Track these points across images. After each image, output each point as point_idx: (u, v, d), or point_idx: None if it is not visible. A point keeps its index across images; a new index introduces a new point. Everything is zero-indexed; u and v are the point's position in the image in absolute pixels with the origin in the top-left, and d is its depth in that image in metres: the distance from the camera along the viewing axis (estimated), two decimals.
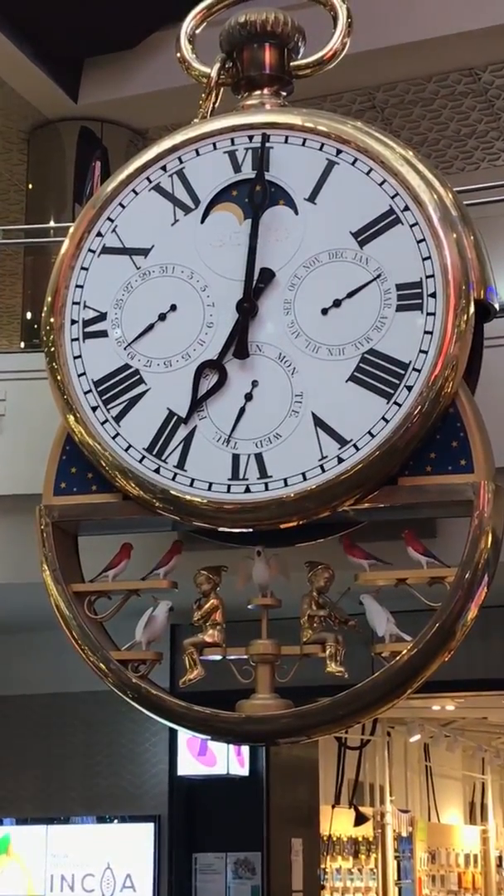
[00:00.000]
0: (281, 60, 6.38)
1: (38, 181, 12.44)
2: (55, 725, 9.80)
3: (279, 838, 9.56)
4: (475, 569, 5.45)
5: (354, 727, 12.23)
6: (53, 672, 9.11)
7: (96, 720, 9.55)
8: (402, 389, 5.54)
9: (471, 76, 11.77)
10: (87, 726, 9.66)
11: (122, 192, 6.19)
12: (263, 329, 5.82)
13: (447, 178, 6.05)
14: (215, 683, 5.77)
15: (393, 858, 15.05)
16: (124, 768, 9.63)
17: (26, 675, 9.65)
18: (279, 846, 9.55)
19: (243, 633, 5.84)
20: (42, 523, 5.92)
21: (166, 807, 9.49)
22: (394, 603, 5.71)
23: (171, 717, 5.87)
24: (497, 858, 17.46)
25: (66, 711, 9.70)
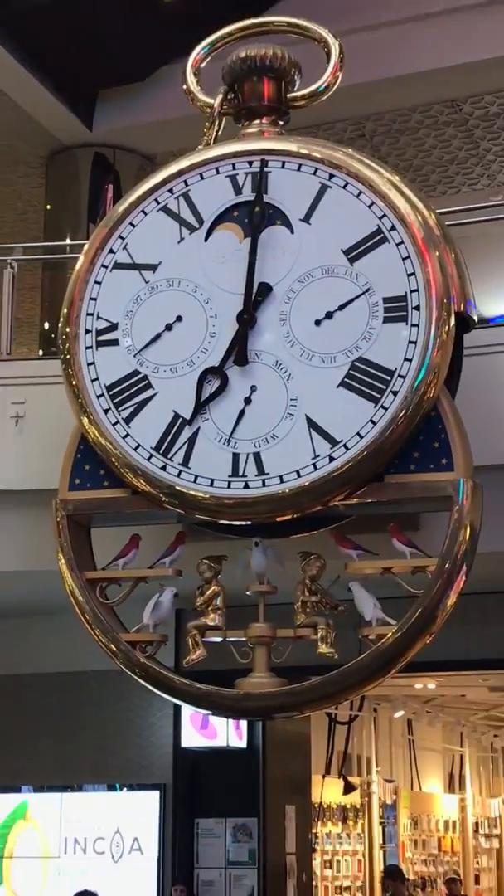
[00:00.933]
0: (278, 92, 6.38)
1: (56, 202, 12.43)
2: (69, 701, 9.79)
3: (274, 805, 9.56)
4: (455, 559, 5.45)
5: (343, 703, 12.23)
6: (68, 652, 9.10)
7: (107, 697, 9.55)
8: (388, 394, 5.54)
9: (453, 107, 11.76)
10: (99, 702, 9.66)
11: (132, 213, 6.18)
12: (261, 338, 5.82)
13: (430, 201, 6.05)
14: (216, 663, 5.77)
15: (378, 824, 15.05)
16: (132, 741, 9.63)
17: (43, 656, 9.65)
18: (274, 812, 9.55)
19: (242, 617, 5.84)
20: (58, 516, 5.92)
21: (171, 776, 9.49)
22: (380, 590, 5.71)
23: (176, 694, 5.87)
24: (474, 825, 17.45)
25: (79, 689, 9.70)
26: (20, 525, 7.13)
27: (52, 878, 9.59)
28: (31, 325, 12.45)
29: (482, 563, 5.62)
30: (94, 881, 8.80)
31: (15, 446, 7.20)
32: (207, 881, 9.33)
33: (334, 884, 13.98)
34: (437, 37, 10.89)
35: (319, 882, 13.20)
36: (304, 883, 10.06)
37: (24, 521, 7.04)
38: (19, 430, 7.22)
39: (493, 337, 6.78)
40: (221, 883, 9.31)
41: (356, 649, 5.68)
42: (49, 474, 6.13)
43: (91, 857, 9.58)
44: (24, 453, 7.11)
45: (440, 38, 10.88)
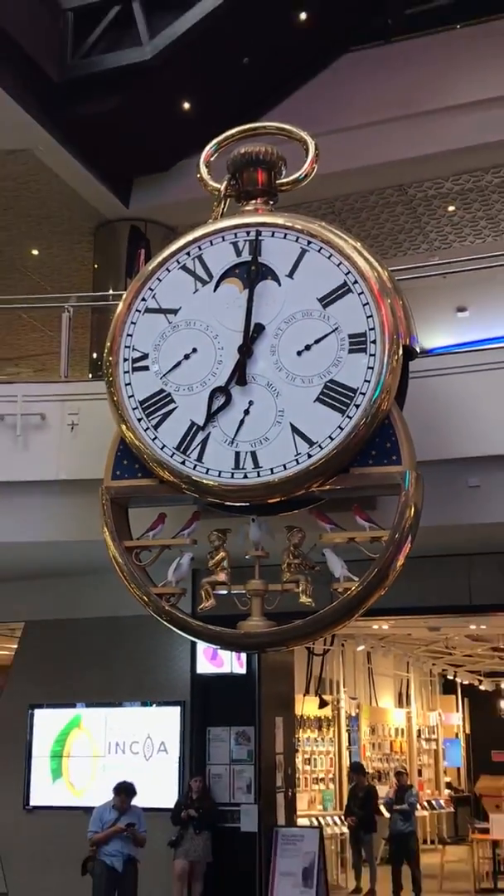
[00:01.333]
0: (269, 179, 6.37)
1: (101, 262, 12.40)
2: (111, 639, 9.75)
3: (267, 717, 9.53)
4: (402, 531, 5.45)
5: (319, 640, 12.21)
6: (111, 602, 9.07)
7: (140, 635, 9.51)
8: (352, 407, 5.54)
9: (401, 191, 11.73)
10: (134, 639, 9.62)
11: (159, 271, 6.18)
12: (257, 365, 5.81)
13: (384, 261, 6.05)
14: (223, 610, 5.76)
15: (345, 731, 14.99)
16: (159, 668, 9.60)
17: (92, 604, 9.62)
18: (267, 722, 9.52)
19: (242, 575, 5.84)
20: (103, 499, 5.91)
21: (189, 695, 9.46)
22: (346, 554, 5.71)
23: (192, 633, 5.88)
24: (417, 732, 17.41)
25: (119, 629, 9.66)
26: (76, 506, 7.11)
27: (99, 772, 9.56)
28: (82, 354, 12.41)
29: (423, 534, 5.62)
30: (131, 774, 8.77)
31: (71, 447, 7.19)
32: (217, 774, 9.29)
33: (312, 776, 13.92)
34: (389, 137, 10.88)
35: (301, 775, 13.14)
36: (290, 775, 10.04)
37: (79, 502, 7.03)
38: (74, 435, 7.21)
39: (431, 363, 6.77)
40: (227, 776, 9.27)
41: (328, 599, 5.68)
42: (96, 468, 6.12)
43: (129, 756, 9.54)
44: (77, 452, 7.10)
45: (392, 138, 10.87)
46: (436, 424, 6.48)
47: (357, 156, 10.96)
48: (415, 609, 8.98)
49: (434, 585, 8.53)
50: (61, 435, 7.26)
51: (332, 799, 14.11)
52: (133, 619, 9.13)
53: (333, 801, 14.09)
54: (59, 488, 7.22)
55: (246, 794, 9.17)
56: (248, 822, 9.05)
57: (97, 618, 9.74)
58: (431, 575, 8.42)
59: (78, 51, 10.67)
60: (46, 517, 7.40)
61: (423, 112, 10.79)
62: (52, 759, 9.84)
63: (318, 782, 14.11)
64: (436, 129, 10.74)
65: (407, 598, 8.40)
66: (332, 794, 14.20)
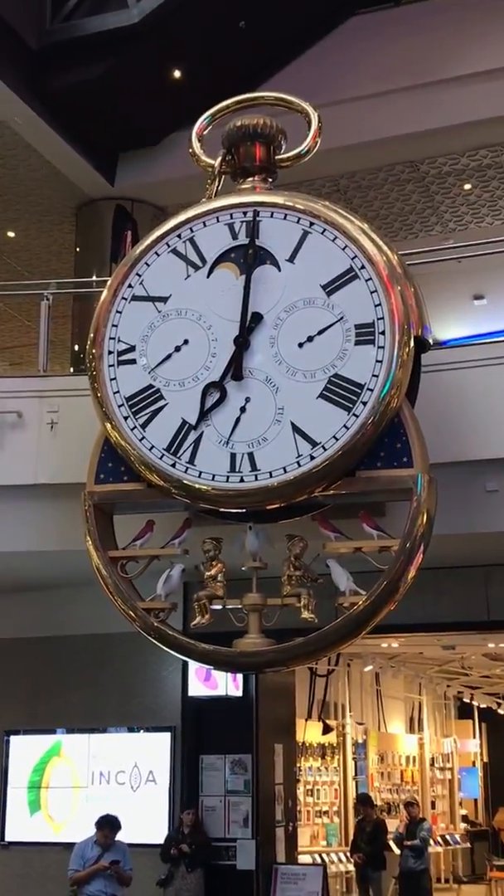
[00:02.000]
0: (268, 155, 6.37)
1: (84, 245, 12.40)
2: (96, 658, 9.77)
3: (265, 744, 9.54)
4: (414, 540, 5.45)
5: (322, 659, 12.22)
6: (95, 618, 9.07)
7: (127, 654, 9.53)
8: (359, 404, 5.54)
9: (412, 167, 11.74)
10: (120, 659, 9.63)
11: (147, 254, 6.18)
12: (254, 358, 5.81)
13: (393, 244, 6.05)
14: (217, 626, 5.76)
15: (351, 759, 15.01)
16: (148, 690, 9.61)
17: (74, 620, 9.63)
18: (265, 750, 9.53)
19: (238, 588, 5.84)
20: (86, 505, 5.91)
21: (180, 720, 9.47)
22: (352, 565, 5.70)
23: (183, 652, 5.86)
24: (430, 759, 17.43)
25: (104, 648, 9.68)
26: (55, 512, 7.12)
27: (81, 804, 9.57)
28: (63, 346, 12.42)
29: (437, 543, 5.62)
30: (116, 807, 8.77)
31: (50, 447, 7.18)
32: (210, 806, 9.30)
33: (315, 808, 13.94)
34: (399, 108, 10.88)
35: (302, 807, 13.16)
36: (290, 808, 10.05)
37: (59, 509, 7.03)
38: (54, 434, 7.21)
39: (445, 356, 6.78)
40: (222, 808, 9.29)
41: (333, 615, 5.68)
42: (78, 470, 6.12)
43: (114, 786, 9.55)
44: (57, 453, 7.10)
45: (402, 109, 10.87)
46: (450, 423, 6.48)
47: (364, 129, 10.96)
48: (427, 625, 8.99)
49: (449, 599, 8.53)
50: (40, 435, 7.26)
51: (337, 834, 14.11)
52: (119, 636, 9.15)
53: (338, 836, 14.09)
54: (37, 493, 7.22)
55: (242, 829, 9.18)
56: (245, 859, 9.05)
57: (79, 635, 9.74)
58: (446, 588, 8.42)
59: (58, 15, 10.67)
60: (23, 525, 7.39)
61: (437, 81, 10.79)
62: (29, 791, 9.84)
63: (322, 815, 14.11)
64: (450, 100, 10.74)
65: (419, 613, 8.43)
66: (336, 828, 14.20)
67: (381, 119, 10.95)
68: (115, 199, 12.12)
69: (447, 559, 7.62)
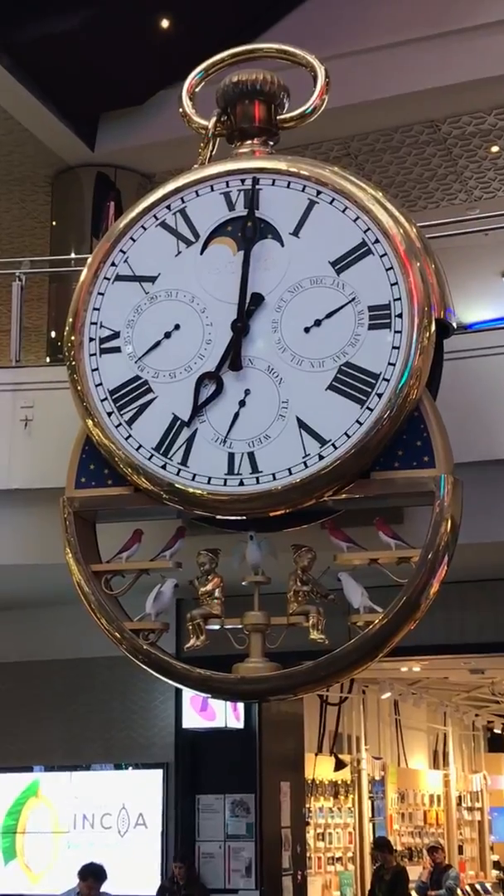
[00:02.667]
0: (269, 114, 6.37)
1: (61, 219, 12.42)
2: (77, 686, 9.79)
3: (270, 782, 9.55)
4: (436, 550, 5.44)
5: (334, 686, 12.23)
6: (75, 640, 9.10)
7: (112, 681, 9.54)
8: (373, 396, 5.53)
9: (432, 127, 11.76)
10: (105, 687, 9.65)
11: (132, 228, 6.17)
12: (254, 345, 5.81)
13: (411, 215, 6.05)
14: (214, 649, 5.76)
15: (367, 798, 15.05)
16: (136, 722, 9.63)
17: (52, 643, 9.64)
18: (270, 789, 9.54)
19: (238, 605, 5.84)
20: (65, 512, 5.91)
21: (173, 755, 9.48)
22: (367, 579, 5.70)
23: (176, 678, 5.86)
24: (457, 798, 17.46)
25: (87, 674, 9.70)
26: (30, 521, 7.12)
27: (62, 851, 9.58)
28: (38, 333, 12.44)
29: (462, 553, 5.62)
30: (102, 854, 8.78)
31: (24, 447, 7.18)
32: (208, 853, 9.32)
33: (327, 854, 13.97)
34: (417, 61, 10.90)
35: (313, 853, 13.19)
36: (299, 854, 10.06)
37: (34, 517, 7.03)
38: (28, 433, 7.21)
39: (471, 342, 6.77)
40: (221, 855, 9.31)
41: (345, 635, 5.68)
42: (56, 473, 6.12)
43: (98, 831, 9.57)
44: (32, 454, 7.10)
45: (420, 62, 10.89)
46: (477, 417, 6.48)
47: (377, 84, 10.97)
48: (453, 647, 9.00)
49: (476, 617, 8.54)
50: (12, 433, 7.26)
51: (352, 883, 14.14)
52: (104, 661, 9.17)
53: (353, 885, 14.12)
54: (9, 500, 7.22)
55: (245, 878, 9.19)
56: None
57: (58, 660, 9.76)
58: (473, 604, 8.43)
59: None
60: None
61: (459, 30, 10.80)
62: (3, 836, 9.85)
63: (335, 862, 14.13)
64: (475, 51, 10.75)
65: (443, 633, 8.43)
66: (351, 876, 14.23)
67: (397, 73, 10.96)
68: (96, 166, 12.14)
69: (474, 571, 7.63)
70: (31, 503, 7.05)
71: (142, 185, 11.86)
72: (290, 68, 6.57)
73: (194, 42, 9.41)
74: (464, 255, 11.38)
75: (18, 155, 12.01)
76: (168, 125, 10.63)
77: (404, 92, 11.06)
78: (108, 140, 11.93)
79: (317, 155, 11.30)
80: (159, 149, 11.41)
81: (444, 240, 7.66)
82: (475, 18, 10.74)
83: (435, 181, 12.76)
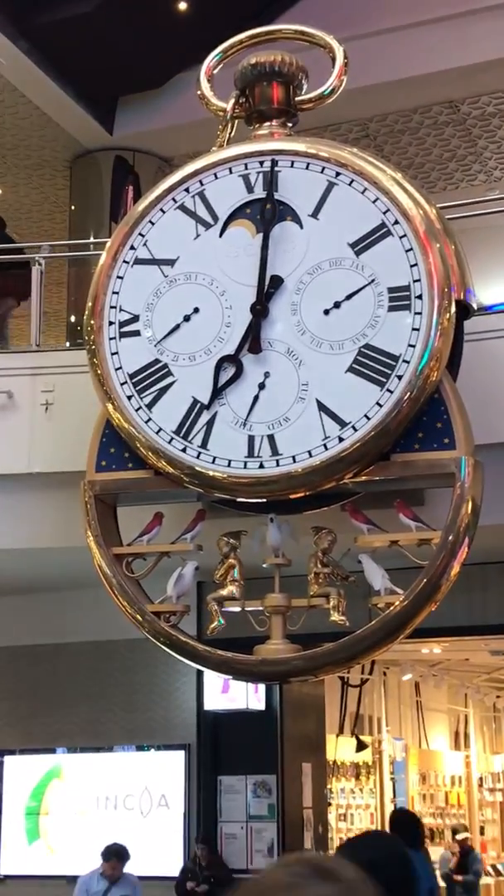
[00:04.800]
0: (287, 96, 6.35)
1: (79, 203, 12.41)
2: (100, 669, 9.81)
3: (291, 763, 9.57)
4: (457, 532, 5.44)
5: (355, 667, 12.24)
6: (97, 623, 9.12)
7: (134, 664, 9.57)
8: (393, 378, 5.53)
9: (451, 108, 11.68)
10: (127, 669, 9.68)
11: (151, 211, 6.17)
12: (274, 328, 5.81)
13: (431, 197, 6.03)
14: (236, 631, 5.78)
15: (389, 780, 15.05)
16: (159, 704, 9.65)
17: (74, 626, 9.67)
18: (291, 770, 9.56)
19: (259, 588, 5.85)
20: (86, 496, 5.93)
21: (195, 737, 9.51)
22: (387, 562, 5.70)
23: (198, 660, 5.89)
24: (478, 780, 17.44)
25: (109, 657, 9.72)
26: (52, 505, 7.14)
27: (85, 832, 9.63)
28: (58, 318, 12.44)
29: (483, 535, 5.61)
30: (125, 835, 8.82)
31: (45, 431, 7.20)
32: (231, 834, 9.35)
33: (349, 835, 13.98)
34: (436, 41, 10.82)
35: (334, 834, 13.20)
36: (321, 835, 10.08)
37: (55, 501, 7.05)
38: (49, 417, 7.22)
39: (491, 323, 6.76)
40: (243, 836, 9.33)
41: (366, 617, 5.69)
42: (77, 457, 6.14)
43: (121, 812, 9.60)
44: (53, 438, 7.12)
45: (439, 42, 10.81)
46: (498, 398, 6.46)
47: (396, 65, 10.90)
48: (474, 628, 8.99)
49: (497, 598, 8.52)
50: (33, 417, 7.28)
51: None
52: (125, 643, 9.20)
53: None
54: (30, 483, 7.25)
55: (267, 859, 9.21)
56: None
57: (80, 643, 9.79)
58: (494, 586, 8.41)
59: None
60: (16, 520, 7.42)
61: (480, 8, 10.71)
62: (27, 818, 9.91)
63: None
64: (494, 32, 10.66)
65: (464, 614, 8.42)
66: None
67: (416, 54, 10.89)
68: (115, 150, 12.11)
69: (495, 553, 7.61)
70: (51, 487, 7.07)
71: (160, 169, 11.84)
72: (309, 50, 6.55)
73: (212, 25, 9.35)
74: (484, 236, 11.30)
75: (37, 139, 12.00)
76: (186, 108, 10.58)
77: (423, 73, 10.98)
78: (126, 124, 11.91)
79: (335, 136, 11.26)
80: (177, 132, 11.37)
81: (463, 221, 7.63)
82: None
83: (454, 162, 12.68)
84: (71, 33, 10.64)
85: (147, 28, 10.85)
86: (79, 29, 10.63)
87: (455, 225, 6.13)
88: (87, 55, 10.91)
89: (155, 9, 10.74)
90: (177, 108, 11.32)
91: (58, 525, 7.12)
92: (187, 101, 9.32)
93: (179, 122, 11.28)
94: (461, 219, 7.53)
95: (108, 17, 10.62)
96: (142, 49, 11.07)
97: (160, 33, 10.89)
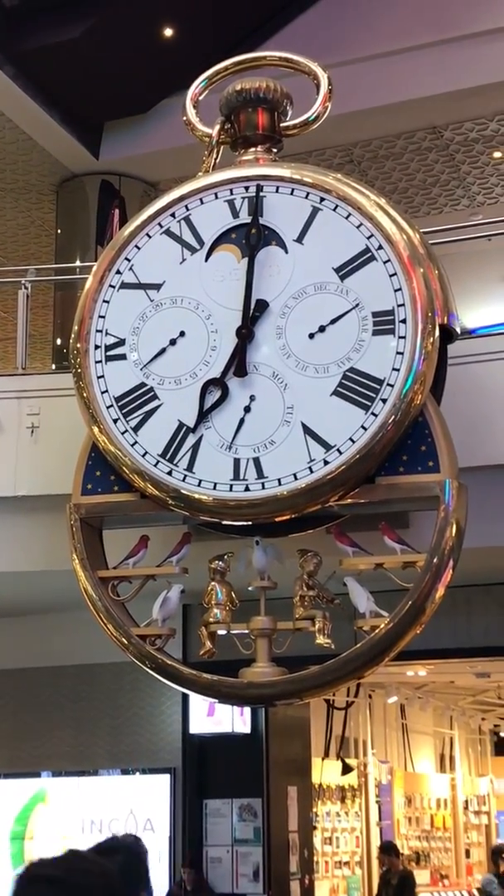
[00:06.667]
0: (272, 122, 6.38)
1: (66, 227, 12.43)
2: (84, 692, 9.79)
3: (277, 786, 9.54)
4: (442, 554, 5.44)
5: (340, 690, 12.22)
6: (82, 646, 9.10)
7: (119, 687, 9.54)
8: (378, 402, 5.54)
9: (435, 134, 11.76)
10: (112, 692, 9.65)
11: (137, 236, 6.19)
12: (259, 351, 5.82)
13: (415, 221, 6.06)
14: (221, 654, 5.77)
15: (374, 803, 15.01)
16: (144, 728, 9.62)
17: (59, 649, 9.64)
18: (277, 793, 9.53)
19: (244, 611, 5.84)
20: (71, 519, 5.91)
21: (180, 760, 9.47)
22: (373, 584, 5.70)
23: (183, 683, 5.86)
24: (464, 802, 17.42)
25: (94, 680, 9.69)
26: (37, 528, 7.13)
27: None
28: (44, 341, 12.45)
29: (468, 557, 5.62)
30: None
31: (31, 454, 7.20)
32: (216, 858, 9.31)
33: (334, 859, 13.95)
34: (419, 68, 10.90)
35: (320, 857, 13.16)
36: (306, 858, 10.04)
37: (40, 524, 7.04)
38: (34, 440, 7.22)
39: (475, 347, 6.78)
40: (229, 859, 9.29)
41: (352, 639, 5.68)
42: (62, 480, 6.13)
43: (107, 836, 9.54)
44: (38, 461, 7.11)
45: (422, 68, 10.89)
46: (482, 422, 6.48)
47: (380, 91, 10.98)
48: (459, 651, 8.98)
49: (482, 621, 8.53)
50: (18, 440, 7.27)
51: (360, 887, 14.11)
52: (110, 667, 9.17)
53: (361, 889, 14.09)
54: (15, 506, 7.23)
55: (252, 883, 9.17)
56: None
57: (65, 666, 9.76)
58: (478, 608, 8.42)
59: None
60: (1, 543, 7.40)
61: (462, 36, 10.80)
62: (12, 843, 9.84)
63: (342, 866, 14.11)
64: (477, 57, 10.75)
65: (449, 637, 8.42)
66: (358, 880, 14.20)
67: (399, 80, 10.97)
68: (101, 174, 12.14)
69: (480, 576, 7.62)
70: (37, 510, 7.05)
71: (146, 193, 11.88)
72: (294, 76, 6.58)
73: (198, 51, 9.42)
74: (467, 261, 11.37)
75: (23, 164, 12.03)
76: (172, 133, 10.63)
77: (407, 98, 11.05)
78: (112, 148, 11.95)
79: (320, 162, 11.32)
80: (163, 157, 11.42)
81: (447, 245, 7.67)
82: (477, 25, 10.74)
83: (438, 187, 12.75)
84: (57, 59, 10.69)
85: (133, 54, 10.92)
86: (65, 54, 10.68)
87: (438, 250, 6.16)
88: (73, 80, 10.96)
89: (141, 35, 10.80)
90: (163, 133, 11.37)
91: (43, 548, 7.10)
92: (173, 126, 9.36)
93: (165, 147, 11.33)
94: (445, 243, 7.57)
95: (94, 42, 10.67)
96: (128, 74, 11.13)
97: (146, 59, 10.95)
